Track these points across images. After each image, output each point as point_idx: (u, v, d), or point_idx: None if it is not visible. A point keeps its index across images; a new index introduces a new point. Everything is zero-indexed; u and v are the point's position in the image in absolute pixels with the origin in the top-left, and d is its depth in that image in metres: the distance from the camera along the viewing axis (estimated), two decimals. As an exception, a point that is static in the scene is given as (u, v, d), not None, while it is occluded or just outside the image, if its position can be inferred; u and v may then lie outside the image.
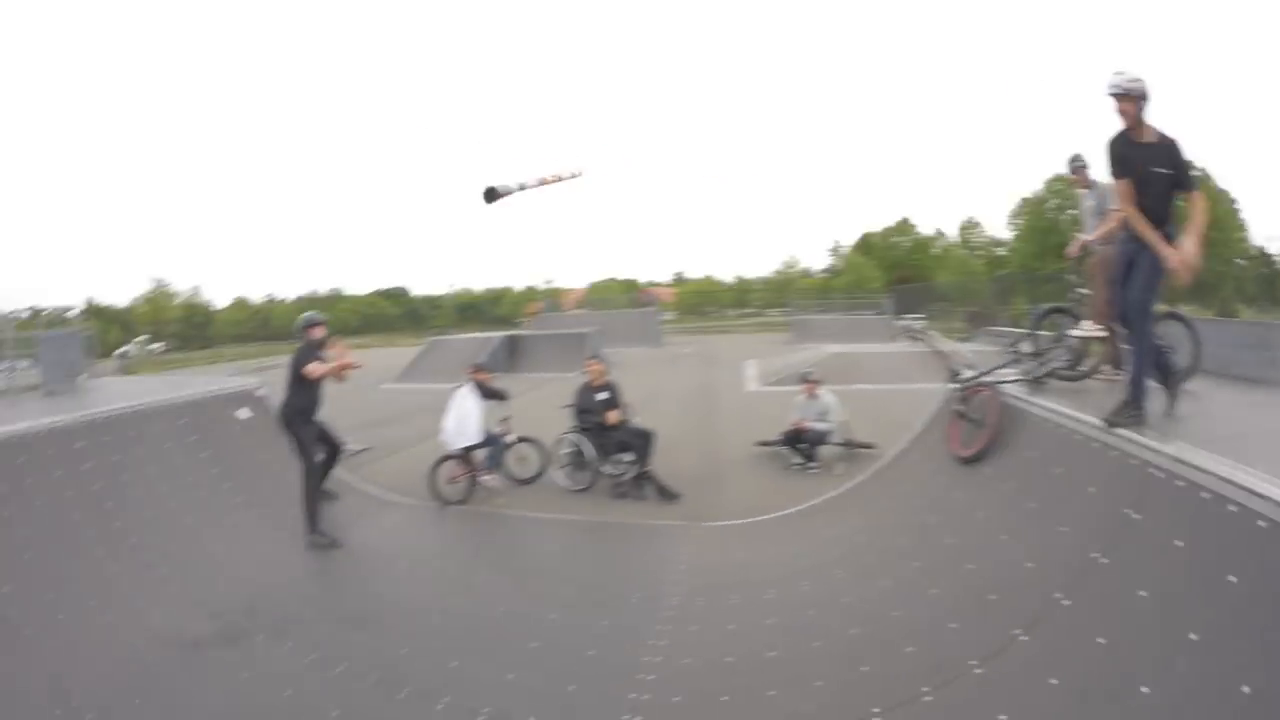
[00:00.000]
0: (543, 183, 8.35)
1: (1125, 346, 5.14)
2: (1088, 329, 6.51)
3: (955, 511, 5.52)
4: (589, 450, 8.67)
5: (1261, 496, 3.15)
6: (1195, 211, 4.54)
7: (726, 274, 75.92)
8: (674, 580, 5.81)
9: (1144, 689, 2.99)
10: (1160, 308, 6.49)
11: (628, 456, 8.51)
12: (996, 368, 6.91)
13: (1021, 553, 4.47)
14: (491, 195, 7.96)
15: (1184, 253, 4.38)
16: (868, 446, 9.10)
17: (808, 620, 4.83)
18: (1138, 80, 4.51)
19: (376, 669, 4.51)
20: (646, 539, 7.05)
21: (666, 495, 8.18)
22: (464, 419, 8.58)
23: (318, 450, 7.19)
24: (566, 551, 7.04)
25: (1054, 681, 3.37)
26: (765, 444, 9.89)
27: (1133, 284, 4.66)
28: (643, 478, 8.37)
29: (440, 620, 5.33)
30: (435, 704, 4.09)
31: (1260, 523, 3.08)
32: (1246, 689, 2.65)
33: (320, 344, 7.20)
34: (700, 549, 6.56)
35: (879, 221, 69.97)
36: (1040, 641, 3.71)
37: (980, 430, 6.03)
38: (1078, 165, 7.12)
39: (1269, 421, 5.46)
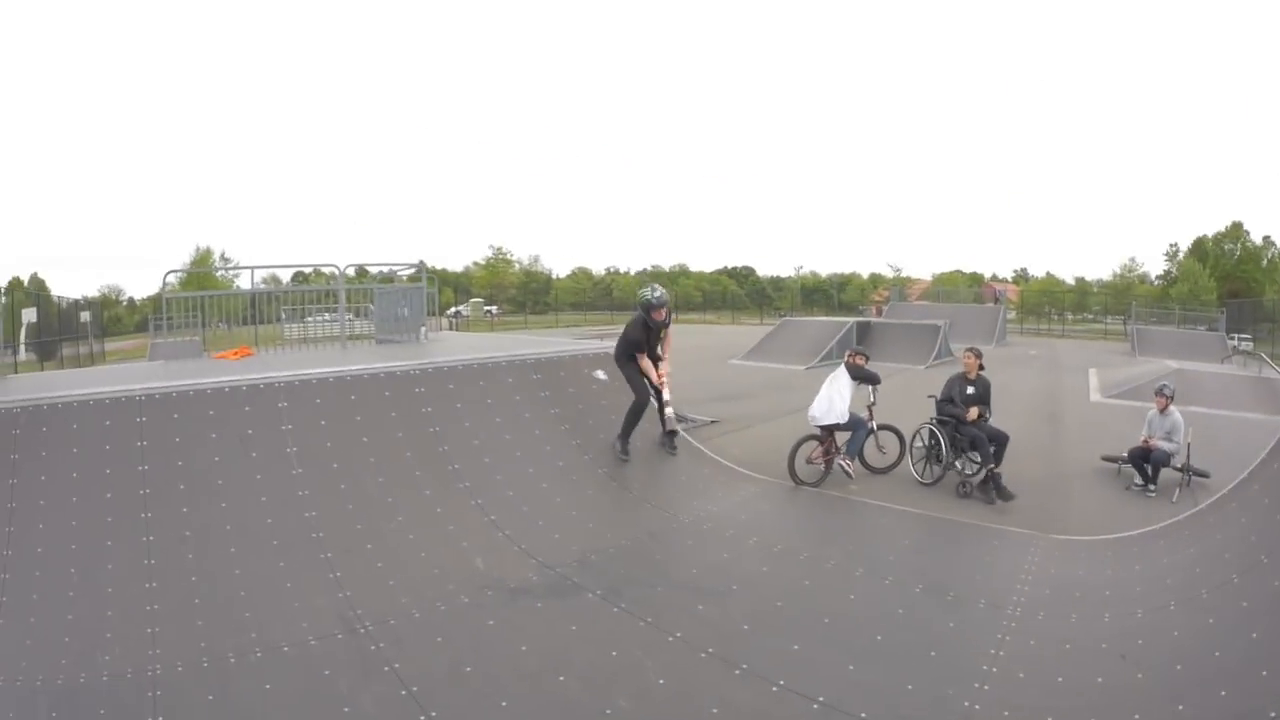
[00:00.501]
0: None
1: None
2: None
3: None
4: (944, 443, 8.69)
5: None
6: None
7: (1067, 273, 70.84)
8: (1018, 589, 5.70)
9: None
10: None
11: (977, 455, 8.49)
12: None
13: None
14: None
15: None
16: (1204, 474, 8.60)
17: (1137, 650, 4.61)
18: None
19: (714, 642, 4.71)
20: (992, 543, 6.93)
21: (1005, 496, 8.09)
22: (834, 399, 8.81)
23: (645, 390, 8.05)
24: (916, 546, 7.00)
25: None
26: (1111, 459, 9.56)
27: None
28: (990, 479, 8.28)
29: (785, 601, 5.45)
30: (770, 685, 4.24)
31: None
32: None
33: (660, 324, 8.03)
34: (1044, 561, 6.38)
35: (1211, 224, 62.71)
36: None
37: None
38: None
39: None
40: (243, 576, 5.31)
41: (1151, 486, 8.66)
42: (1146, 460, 8.79)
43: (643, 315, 8.00)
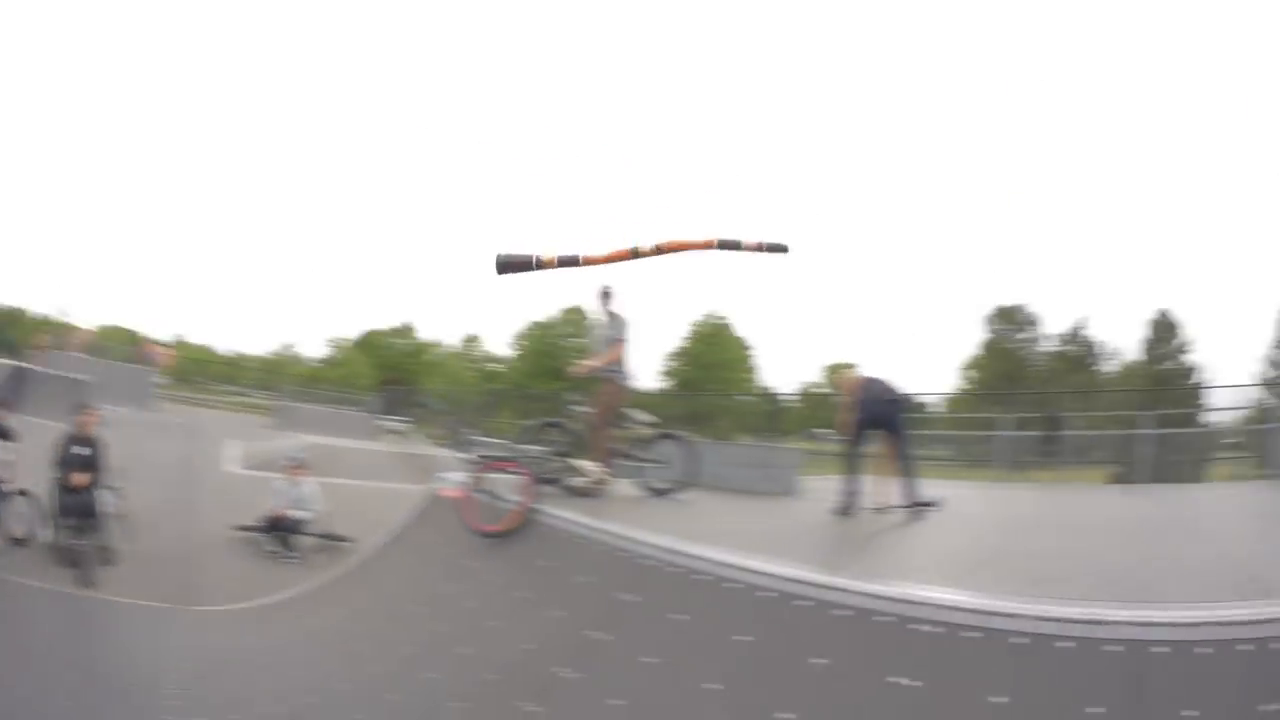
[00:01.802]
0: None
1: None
2: (591, 469, 7.22)
3: (444, 602, 5.69)
4: (41, 507, 7.33)
5: (766, 574, 4.07)
6: None
7: (226, 344, 66.94)
8: (168, 665, 5.34)
9: None
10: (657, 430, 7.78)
11: (77, 522, 7.34)
12: (521, 449, 7.37)
13: (517, 636, 4.78)
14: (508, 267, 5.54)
15: None
16: (345, 540, 9.07)
17: (307, 706, 4.71)
18: None
19: None
20: (133, 619, 6.25)
21: (101, 562, 7.20)
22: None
23: None
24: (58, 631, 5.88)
25: None
26: (244, 529, 9.26)
27: None
28: (95, 551, 7.26)
29: None
30: None
31: (756, 593, 3.99)
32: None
33: None
34: (189, 633, 6.07)
35: (384, 320, 69.49)
36: (551, 710, 4.09)
37: (509, 508, 6.19)
38: (606, 294, 7.77)
39: (756, 523, 6.94)
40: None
41: (293, 554, 8.86)
42: (279, 528, 8.98)
43: None
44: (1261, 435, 18.29)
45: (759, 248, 5.33)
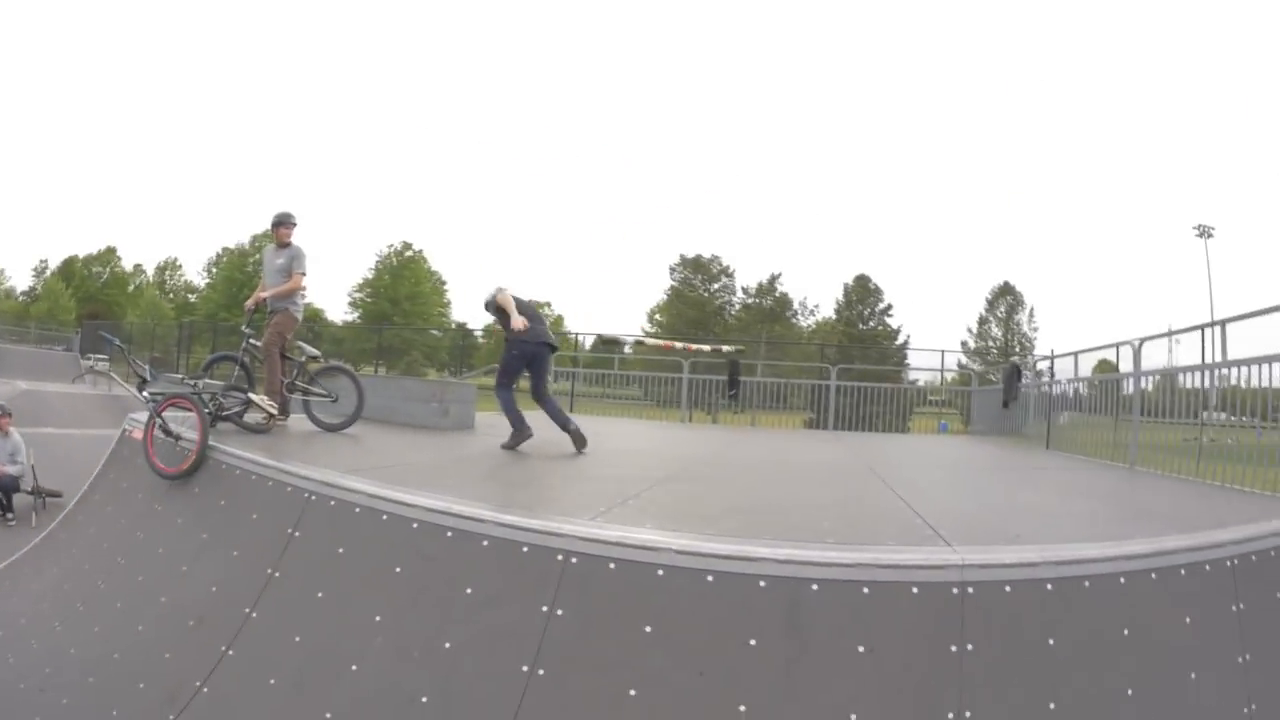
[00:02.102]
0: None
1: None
2: (263, 404, 6.99)
3: (140, 550, 5.51)
4: None
5: (410, 505, 4.26)
6: None
7: None
8: None
9: (353, 666, 3.82)
10: (327, 362, 7.68)
11: None
12: (199, 385, 6.88)
13: (206, 579, 4.78)
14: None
15: None
16: (56, 494, 8.62)
17: (46, 678, 4.61)
18: None
19: None
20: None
21: None
22: None
23: None
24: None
25: (272, 682, 3.97)
26: None
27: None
28: None
29: None
30: None
31: (414, 525, 4.18)
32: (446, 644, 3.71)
33: None
34: None
35: (85, 245, 60.14)
36: (246, 652, 4.17)
37: (188, 448, 5.92)
38: (284, 223, 7.62)
39: (426, 454, 6.98)
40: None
41: (10, 515, 8.31)
42: (-2, 487, 7.99)
43: None
44: (966, 396, 21.61)
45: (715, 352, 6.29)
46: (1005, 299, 50.15)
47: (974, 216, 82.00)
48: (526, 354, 7.62)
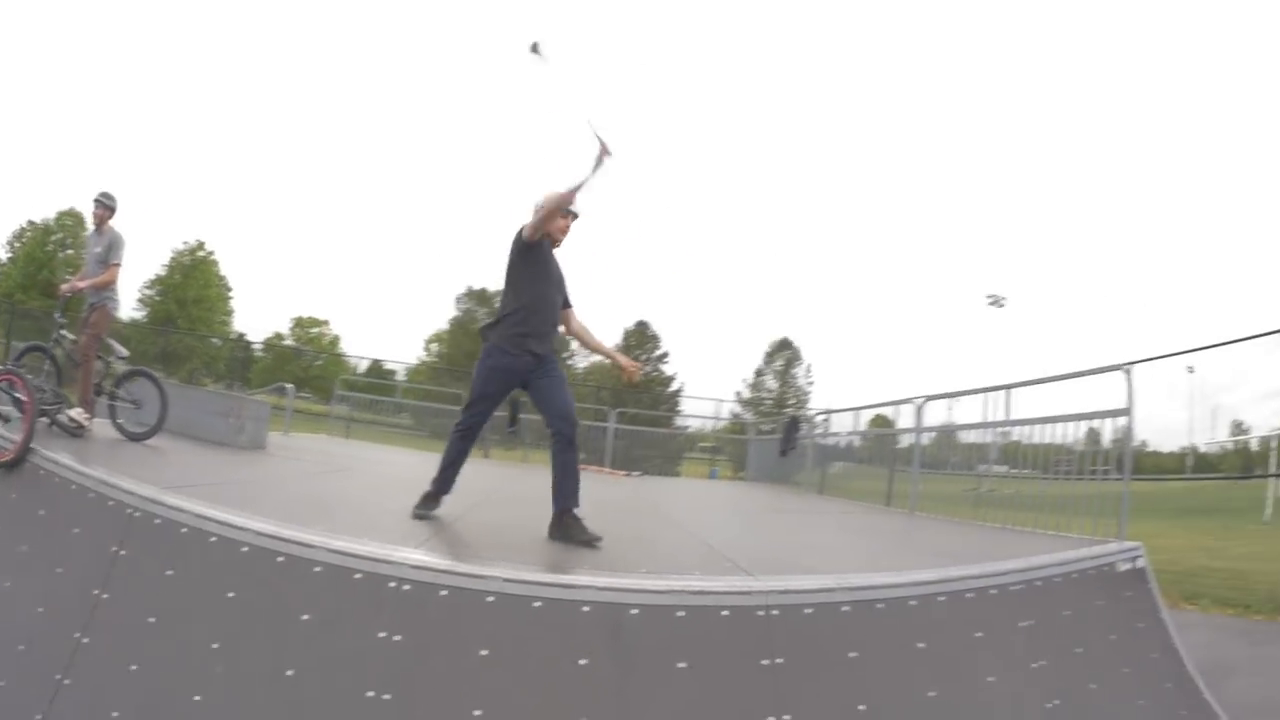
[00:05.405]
0: None
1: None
2: (75, 404, 6.65)
3: None
4: None
5: (240, 527, 4.16)
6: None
7: None
8: None
9: (196, 697, 3.68)
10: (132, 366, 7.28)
11: None
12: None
13: (31, 598, 4.48)
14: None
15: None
16: None
17: None
18: None
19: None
20: None
21: None
22: None
23: None
24: None
25: (115, 715, 3.75)
26: None
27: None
28: None
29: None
30: None
31: (244, 548, 4.09)
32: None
33: None
34: None
35: None
36: (84, 681, 3.94)
37: (7, 438, 5.52)
38: (100, 203, 7.06)
39: (237, 473, 6.82)
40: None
41: None
42: None
43: None
44: (740, 444, 22.68)
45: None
46: (784, 353, 52.83)
47: (756, 274, 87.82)
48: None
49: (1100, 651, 5.10)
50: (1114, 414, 6.66)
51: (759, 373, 52.52)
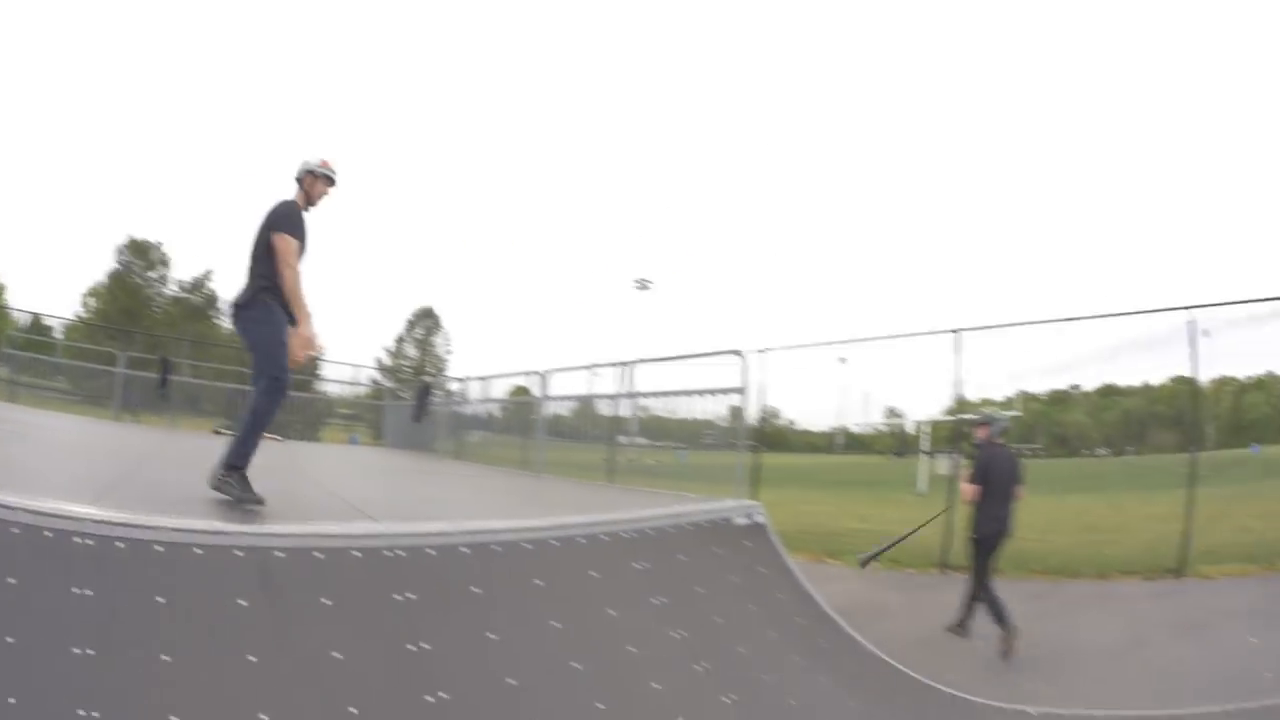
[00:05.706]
0: None
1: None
2: None
3: None
4: None
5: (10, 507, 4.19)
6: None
7: None
8: None
9: None
10: None
11: None
12: None
13: None
14: None
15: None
16: None
17: None
18: None
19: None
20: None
21: None
22: None
23: None
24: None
25: None
26: None
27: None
28: None
29: None
30: None
31: (14, 530, 4.13)
32: None
33: None
34: None
35: None
36: None
37: None
38: None
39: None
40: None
41: None
42: None
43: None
44: (377, 410, 23.45)
45: None
46: (425, 322, 54.67)
47: (406, 242, 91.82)
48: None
49: (723, 592, 6.33)
50: (729, 391, 8.25)
51: (400, 340, 53.70)
